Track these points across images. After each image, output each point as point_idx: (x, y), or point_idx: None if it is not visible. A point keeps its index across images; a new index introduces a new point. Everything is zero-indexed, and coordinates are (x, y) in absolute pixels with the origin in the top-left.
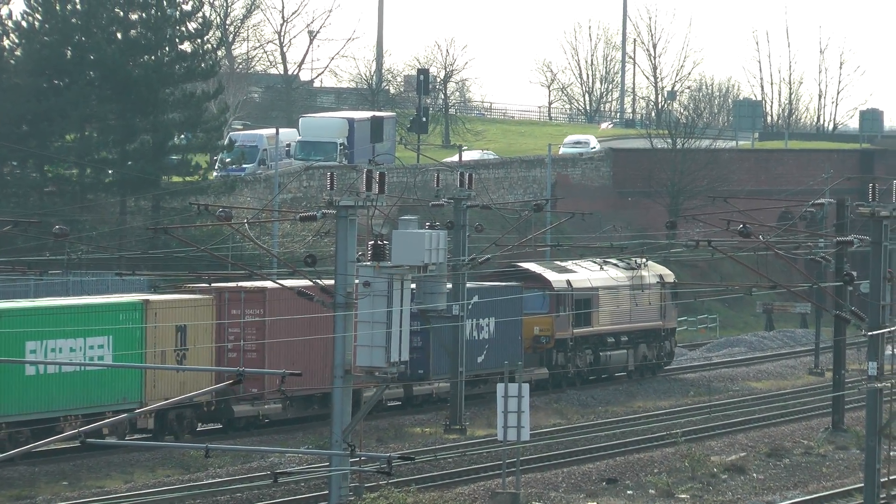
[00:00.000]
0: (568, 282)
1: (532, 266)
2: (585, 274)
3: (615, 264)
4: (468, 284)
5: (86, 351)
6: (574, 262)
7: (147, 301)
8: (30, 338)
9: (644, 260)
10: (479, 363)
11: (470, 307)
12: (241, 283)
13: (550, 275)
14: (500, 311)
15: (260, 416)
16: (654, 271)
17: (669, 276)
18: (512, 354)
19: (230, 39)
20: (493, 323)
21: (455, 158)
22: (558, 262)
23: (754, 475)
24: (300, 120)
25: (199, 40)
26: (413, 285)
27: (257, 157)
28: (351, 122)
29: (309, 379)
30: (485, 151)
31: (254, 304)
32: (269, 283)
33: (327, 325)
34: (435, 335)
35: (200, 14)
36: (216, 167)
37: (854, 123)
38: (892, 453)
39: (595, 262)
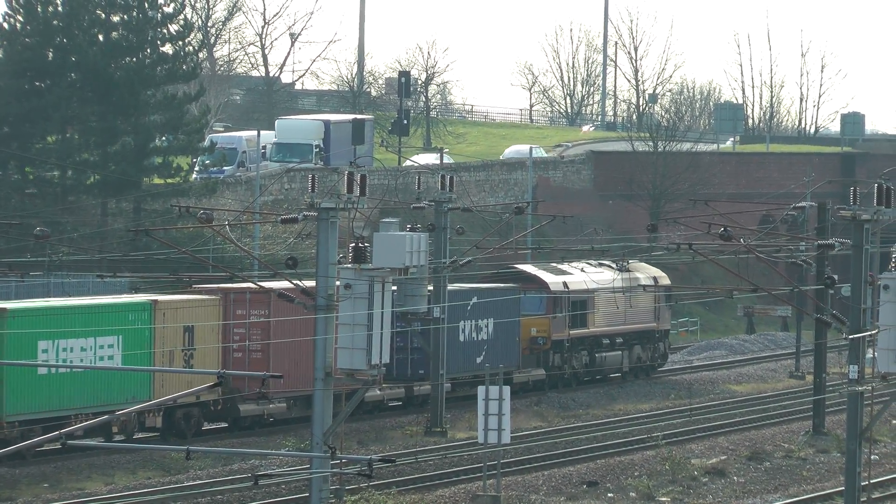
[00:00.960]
0: (564, 283)
1: (529, 268)
2: (581, 276)
3: (609, 266)
4: (467, 286)
5: (96, 350)
6: (570, 264)
7: (156, 301)
8: (42, 337)
9: (626, 262)
10: (478, 363)
11: (469, 308)
12: (248, 284)
13: (547, 277)
14: (499, 312)
15: (265, 415)
16: (648, 273)
17: (664, 278)
18: (510, 355)
19: (212, 41)
20: (492, 324)
21: (416, 159)
22: (554, 265)
23: (735, 478)
24: (276, 121)
25: (180, 42)
26: (394, 287)
27: (236, 160)
28: (327, 124)
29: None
30: (437, 154)
31: (259, 304)
32: (274, 284)
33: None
34: (420, 337)
35: (182, 16)
36: (196, 169)
37: (835, 127)
38: (872, 457)
39: (590, 264)
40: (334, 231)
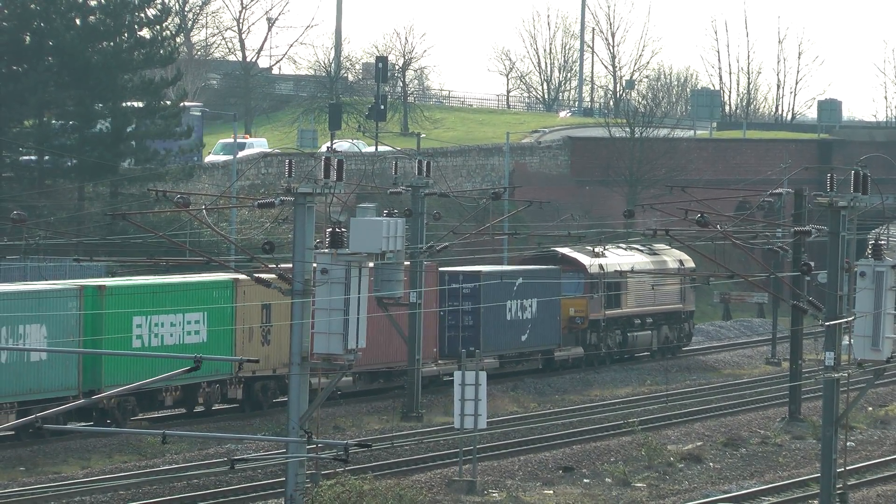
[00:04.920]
0: (600, 266)
1: (567, 251)
2: (615, 258)
3: (639, 249)
4: (514, 267)
5: (184, 326)
6: (603, 247)
7: (237, 280)
8: (136, 313)
9: (603, 248)
10: (523, 341)
11: (515, 288)
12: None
13: (585, 259)
14: (541, 292)
15: (335, 388)
16: (674, 256)
17: (688, 261)
18: (552, 334)
19: (189, 26)
20: (535, 304)
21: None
22: (589, 247)
23: (711, 464)
24: None
25: (157, 27)
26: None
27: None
28: None
29: (373, 354)
30: (353, 141)
31: None
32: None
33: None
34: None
35: (159, 0)
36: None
37: (812, 113)
38: (848, 443)
39: (622, 247)
40: (311, 216)
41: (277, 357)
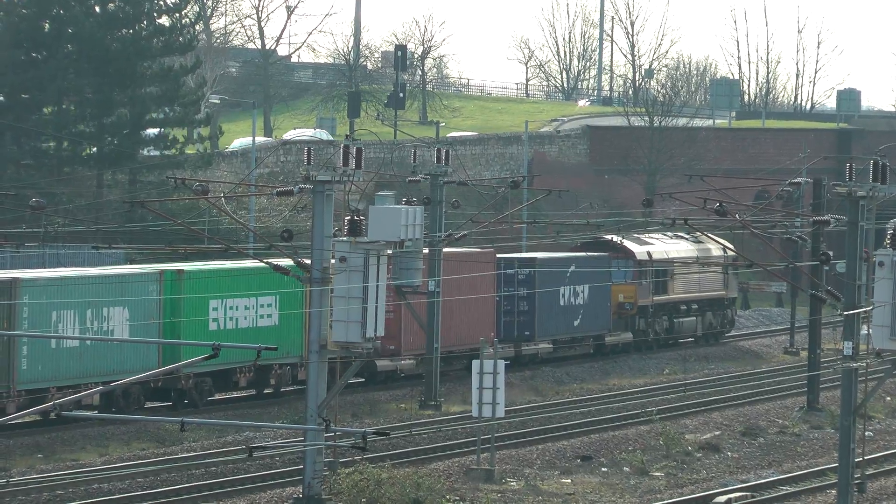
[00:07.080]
0: (648, 253)
1: (616, 238)
2: (662, 246)
3: (684, 237)
4: (566, 255)
5: (257, 309)
6: (649, 234)
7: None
8: (213, 297)
9: (621, 238)
10: (575, 326)
11: (568, 275)
12: None
13: (634, 247)
14: (592, 279)
15: (398, 370)
16: (718, 244)
17: (731, 250)
18: (602, 319)
19: (208, 14)
20: (587, 290)
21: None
22: (636, 235)
23: (729, 454)
24: None
25: (177, 14)
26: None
27: None
28: None
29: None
30: (317, 130)
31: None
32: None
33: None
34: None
35: None
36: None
37: (831, 103)
38: (866, 433)
39: (667, 235)
40: (330, 204)
41: None
